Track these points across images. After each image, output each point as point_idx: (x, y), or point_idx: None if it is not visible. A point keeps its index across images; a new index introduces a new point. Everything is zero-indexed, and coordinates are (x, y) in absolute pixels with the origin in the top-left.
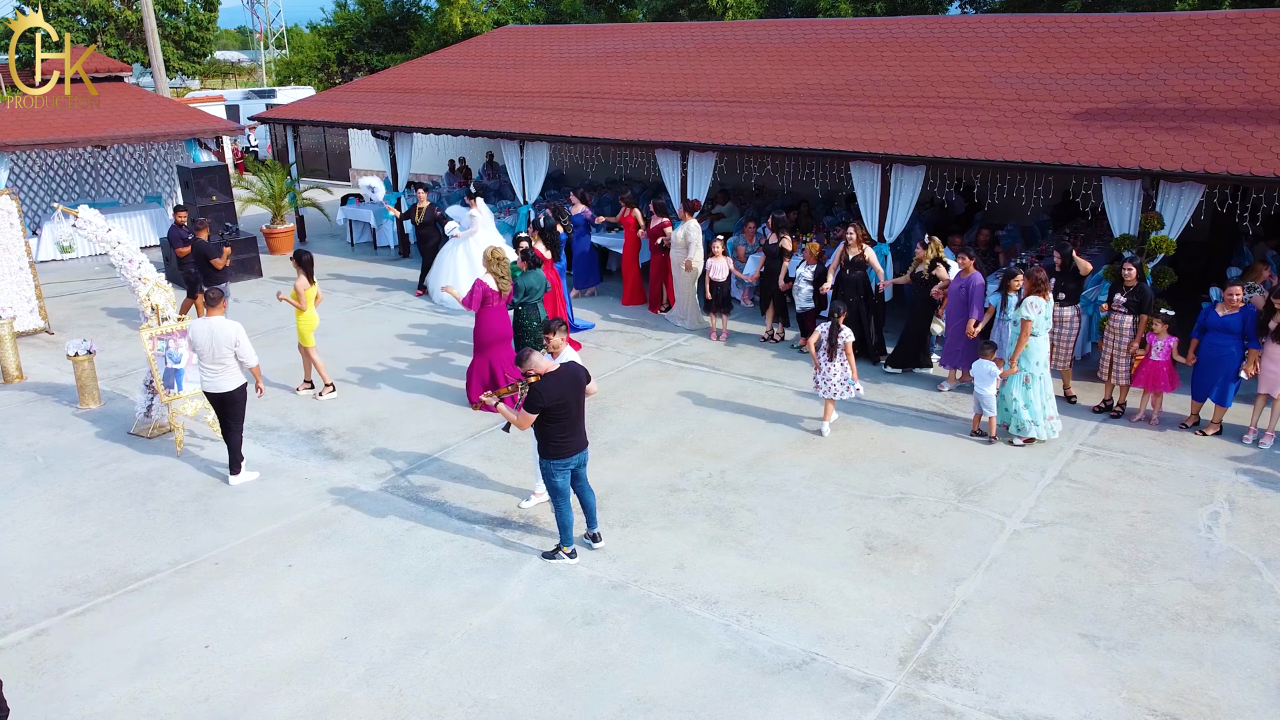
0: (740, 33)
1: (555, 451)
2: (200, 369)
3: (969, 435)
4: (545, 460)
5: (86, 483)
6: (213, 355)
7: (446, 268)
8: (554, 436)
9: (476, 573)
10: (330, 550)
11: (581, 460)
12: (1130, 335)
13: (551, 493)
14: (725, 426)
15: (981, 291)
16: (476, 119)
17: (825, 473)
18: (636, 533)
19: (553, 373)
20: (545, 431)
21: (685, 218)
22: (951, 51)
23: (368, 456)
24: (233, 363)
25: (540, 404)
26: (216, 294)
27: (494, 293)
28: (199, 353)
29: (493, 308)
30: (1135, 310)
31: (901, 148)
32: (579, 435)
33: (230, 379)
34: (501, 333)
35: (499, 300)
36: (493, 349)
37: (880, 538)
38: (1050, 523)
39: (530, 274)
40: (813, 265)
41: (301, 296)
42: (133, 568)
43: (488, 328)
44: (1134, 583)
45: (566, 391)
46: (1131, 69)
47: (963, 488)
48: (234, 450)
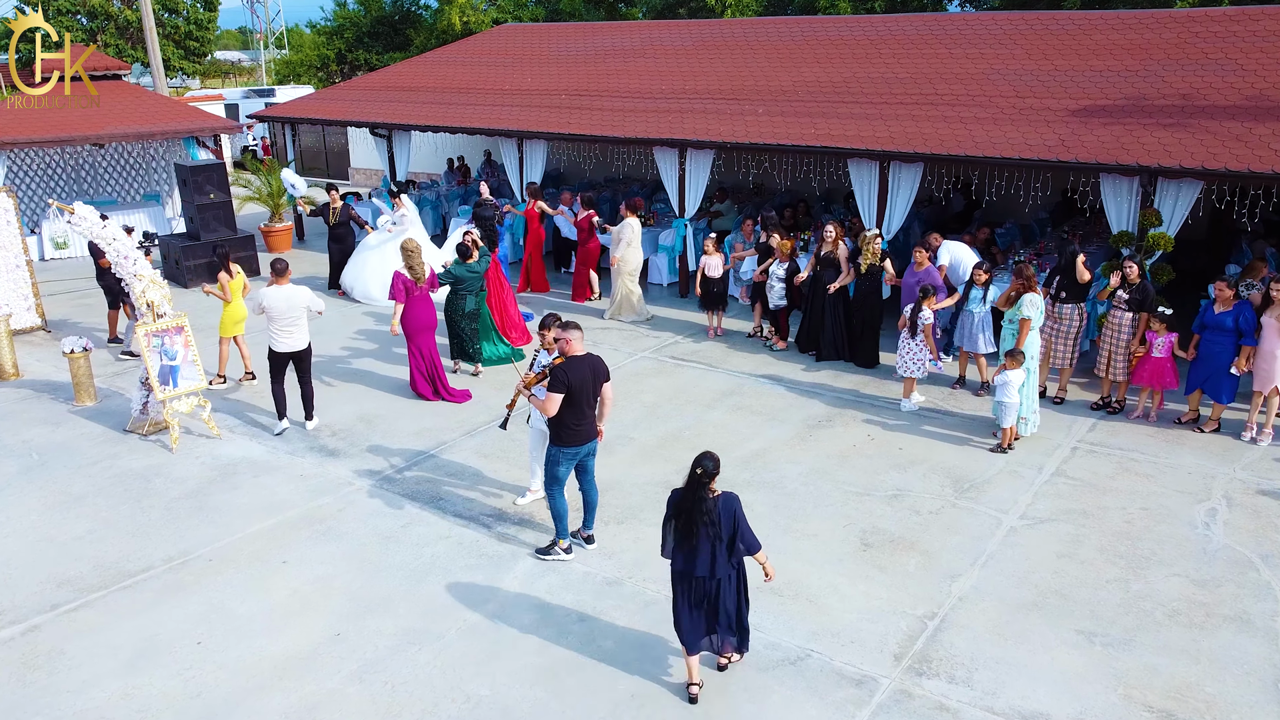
0: (739, 30)
1: (569, 438)
2: (275, 333)
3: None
4: (555, 447)
5: (81, 479)
6: (290, 318)
7: (373, 266)
8: (568, 421)
9: (471, 569)
10: (325, 546)
11: (591, 450)
12: (1130, 332)
13: (549, 481)
14: (722, 424)
15: (940, 282)
16: (474, 117)
17: (822, 470)
18: (632, 529)
19: (575, 357)
20: (560, 416)
21: (626, 214)
22: (950, 49)
23: (364, 453)
24: (304, 323)
25: (564, 384)
26: (283, 264)
27: (411, 281)
28: (275, 318)
29: (415, 297)
30: (1136, 308)
31: (899, 145)
32: (590, 423)
33: (302, 337)
34: (426, 321)
35: (419, 289)
36: (420, 337)
37: (876, 534)
38: (1047, 519)
39: (462, 265)
40: (785, 263)
41: (226, 289)
42: (126, 564)
43: (412, 316)
44: (1131, 579)
45: (586, 377)
46: (1130, 66)
47: (960, 484)
48: (309, 400)
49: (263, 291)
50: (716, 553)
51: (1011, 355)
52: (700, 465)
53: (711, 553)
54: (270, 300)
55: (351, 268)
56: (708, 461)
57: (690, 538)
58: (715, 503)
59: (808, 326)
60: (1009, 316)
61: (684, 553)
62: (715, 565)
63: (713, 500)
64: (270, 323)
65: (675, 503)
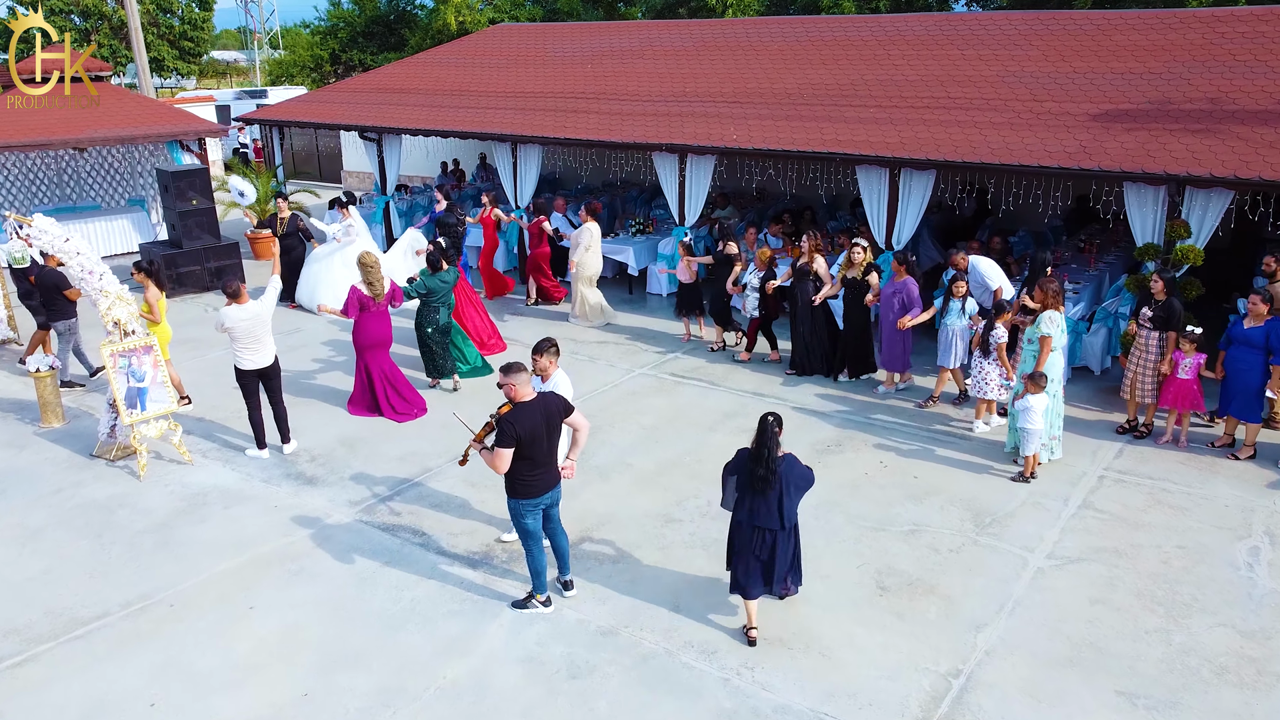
0: (741, 31)
1: (523, 490)
2: (240, 351)
3: (1018, 479)
4: (513, 500)
5: (41, 510)
6: (254, 335)
7: (322, 279)
8: (521, 473)
9: (453, 616)
10: (296, 589)
11: (553, 499)
12: (1157, 352)
13: (521, 535)
14: (725, 448)
15: (916, 296)
16: (467, 120)
17: (833, 501)
18: (629, 569)
19: (523, 403)
20: (511, 469)
21: (585, 219)
22: (962, 50)
23: (343, 481)
24: (269, 338)
25: (511, 438)
26: (234, 286)
27: (368, 298)
28: (238, 337)
29: (370, 313)
30: (1162, 326)
31: (911, 150)
32: (550, 471)
33: (269, 353)
34: (378, 337)
35: (375, 305)
36: (370, 353)
37: (893, 576)
38: (1077, 559)
39: (433, 277)
40: (761, 272)
41: (155, 308)
42: (81, 610)
43: (364, 332)
44: (1172, 629)
45: (538, 424)
46: (1153, 68)
47: (980, 518)
48: (282, 421)
49: (222, 312)
50: (783, 506)
51: (1032, 379)
52: (771, 415)
53: (778, 506)
54: (231, 319)
55: (304, 280)
56: (775, 415)
57: (757, 489)
58: (782, 460)
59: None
60: (1028, 336)
61: (749, 504)
62: (783, 517)
63: (780, 456)
64: (234, 342)
65: (745, 456)
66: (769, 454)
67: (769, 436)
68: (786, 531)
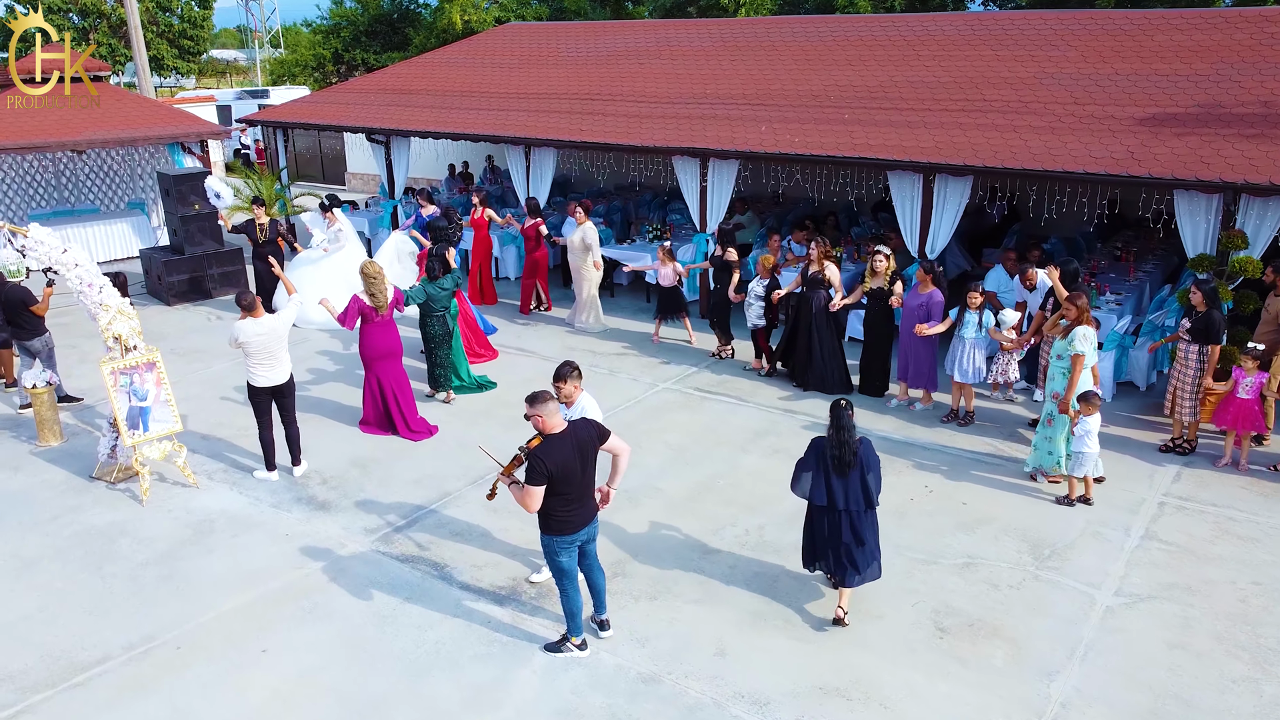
0: (761, 30)
1: (557, 527)
2: (254, 367)
3: (1063, 502)
4: (546, 537)
5: (36, 539)
6: (269, 350)
7: (307, 286)
8: (555, 509)
9: (481, 660)
10: (312, 629)
11: (590, 534)
12: (1197, 367)
13: (555, 574)
14: (759, 471)
15: (941, 310)
16: (478, 122)
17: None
18: (668, 607)
19: (553, 435)
20: (545, 503)
21: (580, 220)
22: (995, 50)
23: (357, 507)
24: (285, 354)
25: (542, 474)
26: (249, 298)
27: (371, 309)
28: (252, 352)
29: (374, 323)
30: (1200, 338)
31: (947, 156)
32: (586, 505)
33: (284, 370)
34: (386, 348)
35: (378, 316)
36: (379, 365)
37: (951, 615)
38: (1147, 596)
39: (433, 284)
40: (765, 280)
41: None
42: (80, 653)
43: (370, 344)
44: (1261, 678)
45: (570, 457)
46: (1199, 70)
47: (1038, 550)
48: (294, 442)
49: (236, 326)
50: (866, 485)
51: (1086, 399)
52: (844, 400)
53: (861, 485)
54: (245, 334)
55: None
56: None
57: (839, 472)
58: (860, 441)
59: (791, 351)
60: (1057, 352)
61: (830, 488)
62: (867, 496)
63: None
64: (247, 357)
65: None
66: (848, 435)
67: (846, 419)
68: (869, 513)
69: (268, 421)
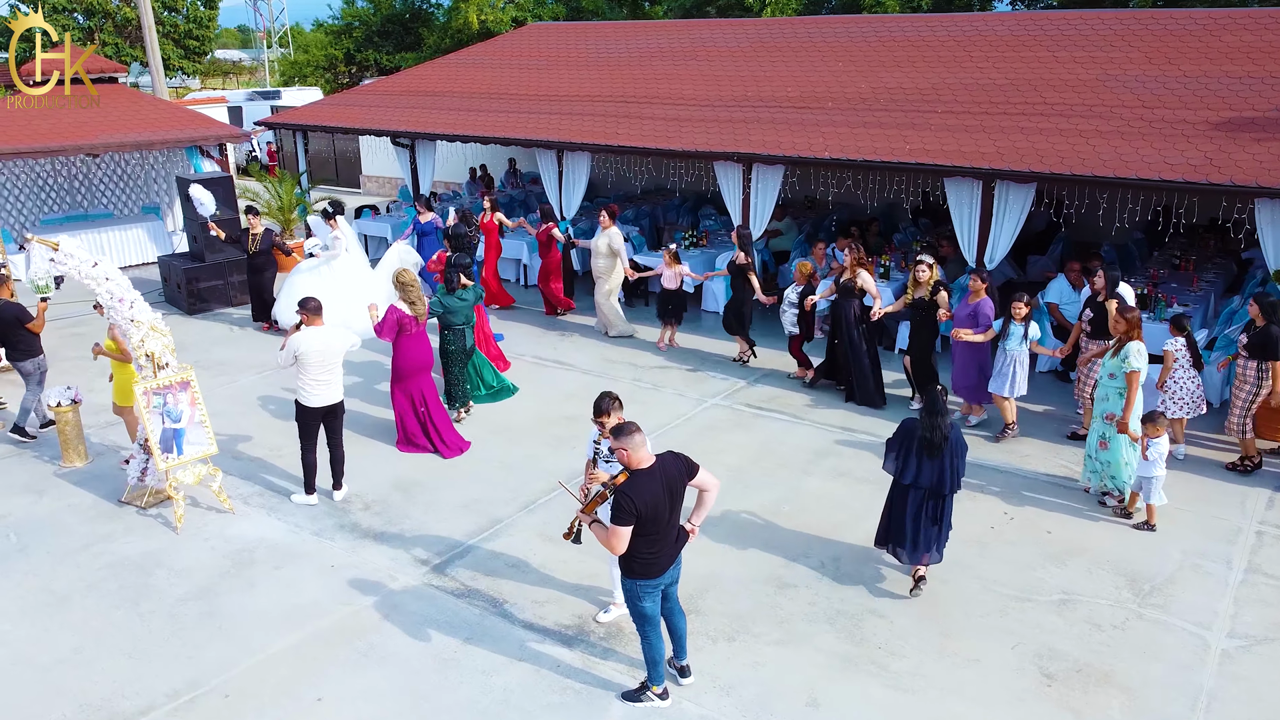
0: (801, 31)
1: (641, 570)
2: (308, 385)
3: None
4: (629, 581)
5: (67, 571)
6: (326, 366)
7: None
8: (640, 550)
9: (554, 710)
10: (368, 674)
11: (674, 577)
12: (1254, 383)
13: (637, 620)
14: (825, 494)
15: (988, 320)
16: (508, 125)
17: (960, 562)
18: (748, 649)
19: (641, 470)
20: (630, 547)
21: (606, 224)
22: (1053, 51)
23: (403, 535)
24: (340, 372)
25: (631, 514)
26: (315, 302)
27: (410, 318)
28: (308, 366)
29: (410, 335)
30: (1258, 354)
31: (1010, 162)
32: (672, 545)
33: (339, 388)
34: (421, 361)
35: (416, 326)
36: (413, 379)
37: (1056, 659)
38: (1264, 638)
39: (451, 295)
40: (800, 286)
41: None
42: (121, 701)
43: (407, 357)
44: None
45: (659, 494)
46: (1274, 71)
47: (1137, 585)
48: (339, 464)
49: (294, 336)
50: (954, 468)
51: (1151, 420)
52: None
53: (950, 468)
54: (306, 345)
55: (283, 298)
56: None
57: (930, 454)
58: (951, 425)
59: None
60: (1109, 370)
61: (919, 468)
62: (955, 479)
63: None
64: (302, 373)
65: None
66: (941, 418)
67: (940, 403)
68: (951, 497)
69: (313, 444)
